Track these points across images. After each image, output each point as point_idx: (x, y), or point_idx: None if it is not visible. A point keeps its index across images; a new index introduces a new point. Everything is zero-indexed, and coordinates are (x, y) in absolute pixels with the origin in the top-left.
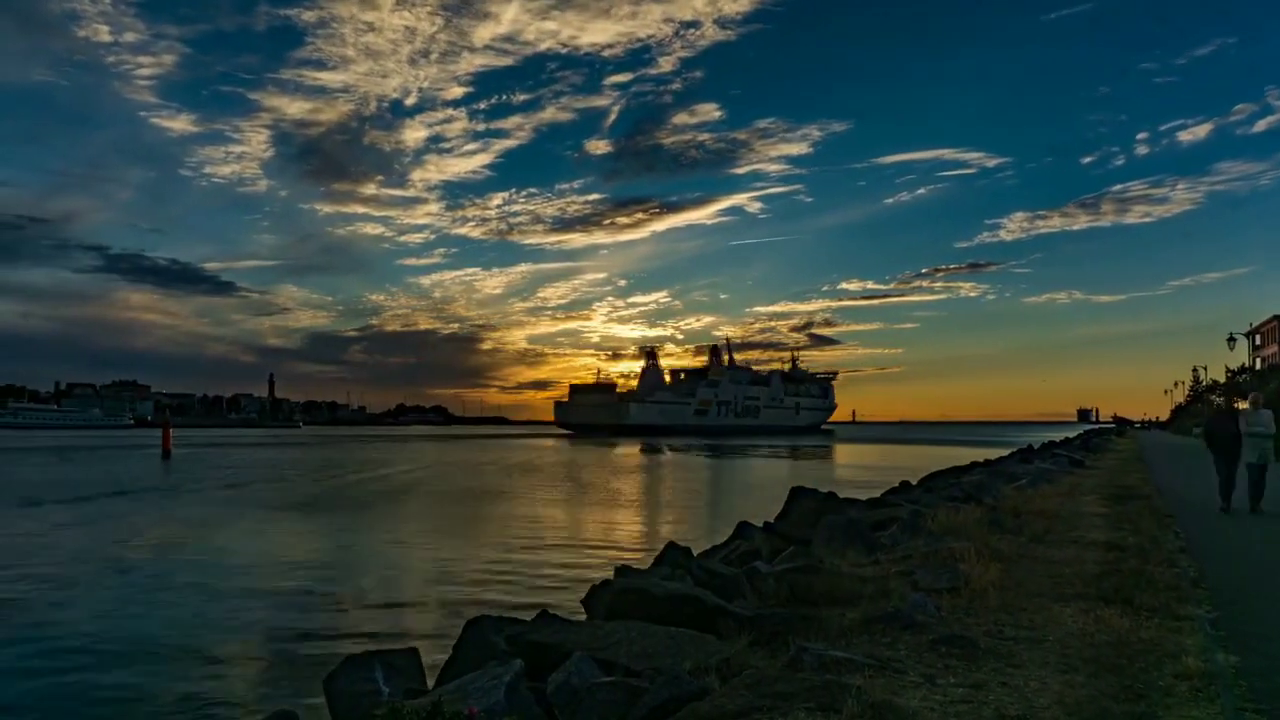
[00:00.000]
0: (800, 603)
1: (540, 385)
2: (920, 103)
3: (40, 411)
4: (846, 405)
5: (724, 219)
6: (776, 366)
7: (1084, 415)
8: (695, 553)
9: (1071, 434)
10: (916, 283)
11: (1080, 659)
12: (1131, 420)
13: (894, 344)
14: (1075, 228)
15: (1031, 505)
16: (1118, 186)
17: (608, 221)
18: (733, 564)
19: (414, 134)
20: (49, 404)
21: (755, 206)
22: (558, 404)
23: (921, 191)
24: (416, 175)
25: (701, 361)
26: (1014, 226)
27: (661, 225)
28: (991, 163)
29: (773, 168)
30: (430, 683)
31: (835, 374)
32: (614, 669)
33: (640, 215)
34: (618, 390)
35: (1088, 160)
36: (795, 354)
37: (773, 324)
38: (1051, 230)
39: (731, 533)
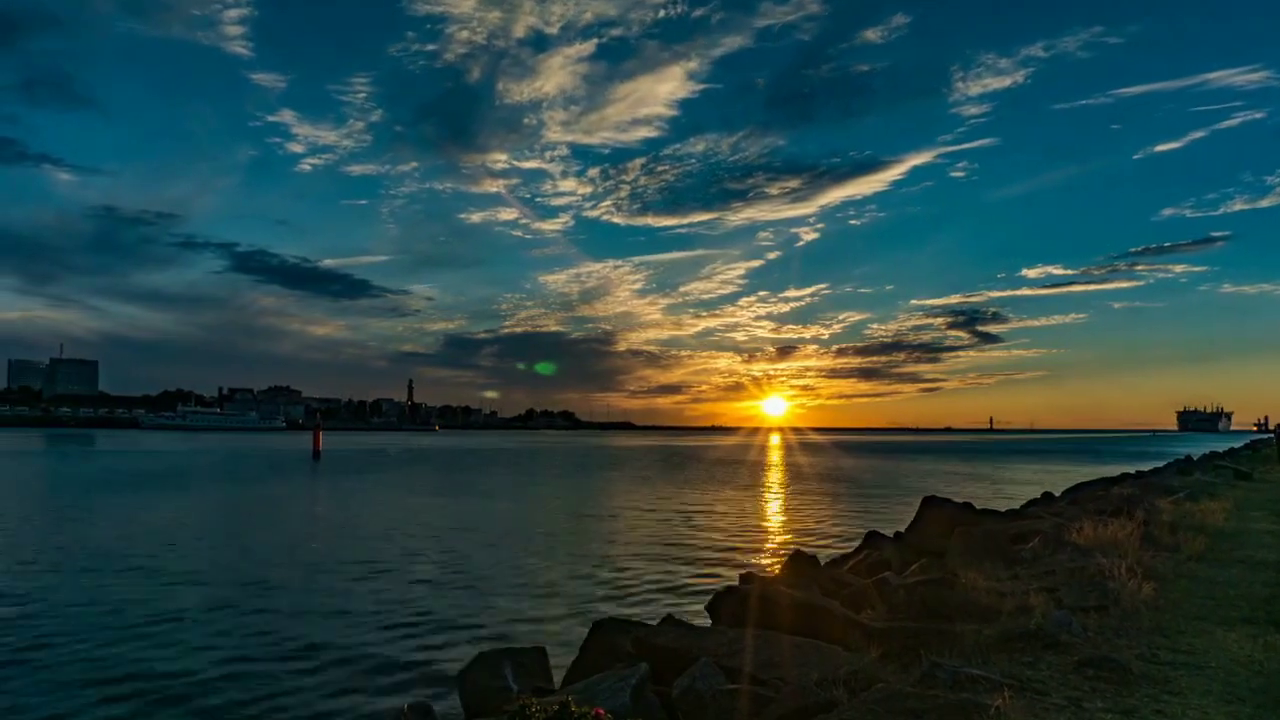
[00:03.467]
0: (933, 617)
1: (670, 389)
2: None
3: (205, 414)
4: (991, 409)
5: (898, 188)
6: (909, 369)
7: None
8: (822, 561)
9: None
10: (1114, 266)
11: (1247, 689)
12: None
13: (1067, 342)
14: None
15: (1190, 520)
16: None
17: (763, 192)
18: (861, 574)
19: (549, 83)
20: (213, 408)
21: (938, 168)
22: None
23: (1167, 144)
24: (551, 135)
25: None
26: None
27: (824, 199)
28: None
29: (972, 110)
30: (557, 682)
31: None
32: (739, 676)
33: (797, 184)
34: None
35: None
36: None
37: (929, 320)
38: None
39: (860, 542)
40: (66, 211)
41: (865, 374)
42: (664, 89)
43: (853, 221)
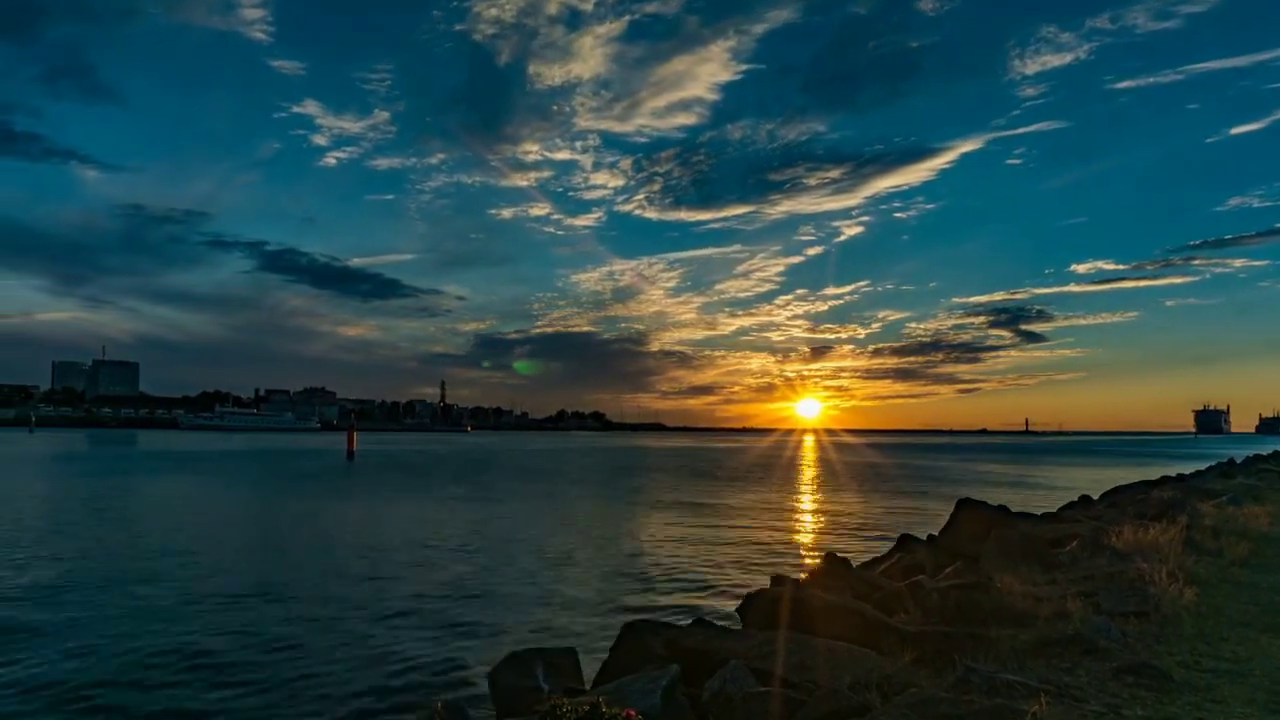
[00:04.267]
0: (967, 621)
1: (702, 390)
2: None
3: (242, 415)
4: (1029, 411)
5: (946, 178)
6: (947, 369)
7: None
8: (854, 564)
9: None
10: (1169, 260)
11: None
12: None
13: (1113, 342)
14: None
15: (1234, 525)
16: None
17: (803, 183)
18: (894, 577)
19: (582, 65)
20: (249, 409)
21: (989, 155)
22: None
23: (1245, 126)
24: (583, 123)
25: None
26: None
27: (868, 189)
28: None
29: (1029, 90)
30: (587, 682)
31: None
32: (770, 679)
33: (839, 174)
34: None
35: None
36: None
37: (970, 319)
38: None
39: (893, 544)
40: (94, 209)
41: (901, 374)
42: (703, 70)
43: (898, 214)
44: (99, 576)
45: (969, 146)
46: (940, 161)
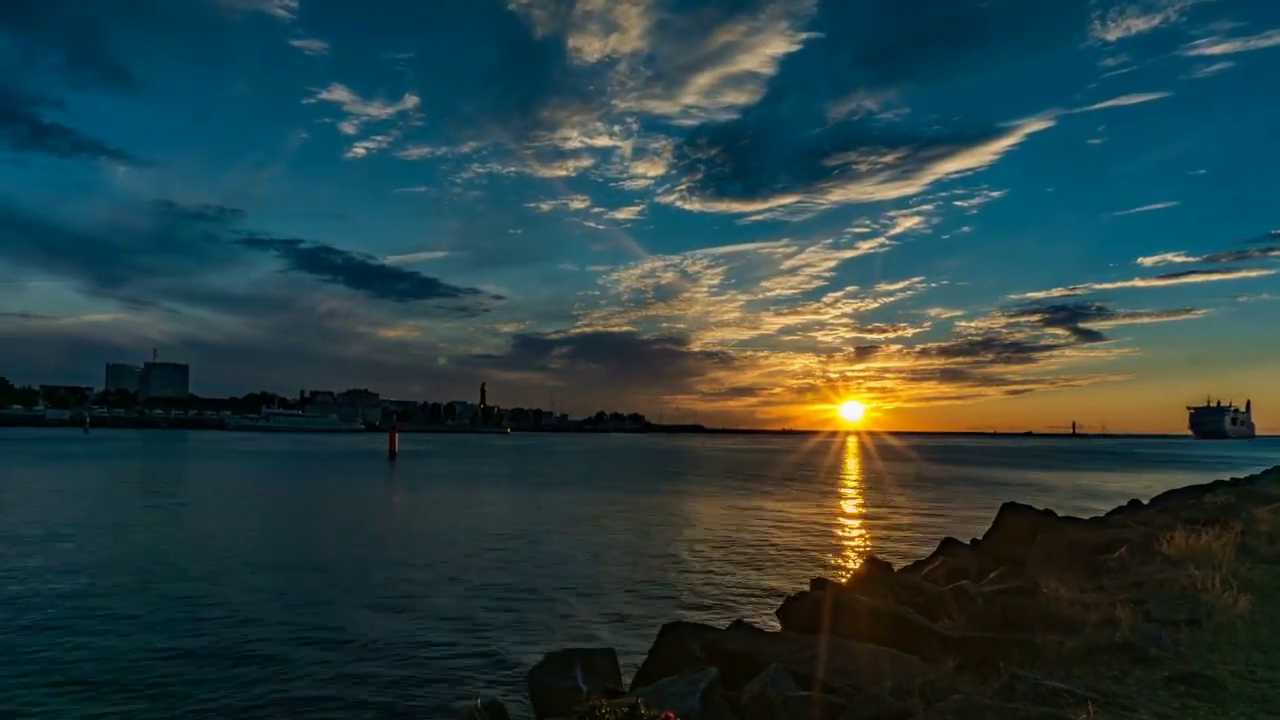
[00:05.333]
0: (1012, 627)
1: (743, 392)
2: None
3: (288, 416)
4: (1079, 413)
5: (1010, 162)
6: (997, 370)
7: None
8: (896, 568)
9: None
10: (1245, 252)
11: None
12: None
13: (1176, 341)
14: None
15: None
16: None
17: (855, 169)
18: (937, 582)
19: (624, 39)
20: (295, 410)
21: (1060, 134)
22: None
23: None
24: (625, 104)
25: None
26: None
27: (926, 176)
28: None
29: (1109, 61)
30: (626, 684)
31: None
32: (810, 683)
33: (894, 158)
34: None
35: None
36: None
37: (1025, 317)
38: None
39: (935, 548)
40: (125, 206)
41: (948, 375)
42: (755, 43)
43: (958, 203)
44: (196, 563)
45: (1037, 125)
46: (1004, 143)
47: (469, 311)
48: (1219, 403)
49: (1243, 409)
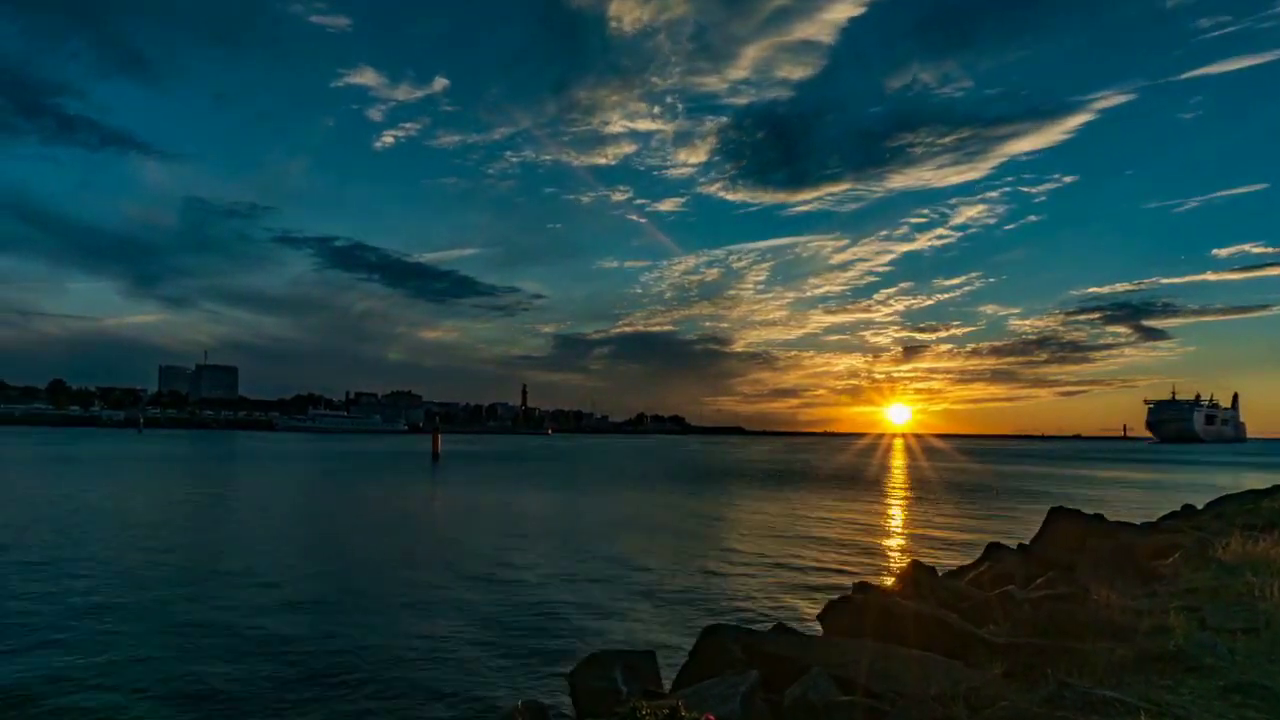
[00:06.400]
0: (1060, 634)
1: (785, 393)
2: None
3: (333, 417)
4: (1128, 415)
5: (1082, 141)
6: (1050, 370)
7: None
8: (940, 572)
9: None
10: None
11: None
12: None
13: (1246, 340)
14: None
15: None
16: None
17: (912, 153)
18: (983, 587)
19: (670, 9)
20: (340, 411)
21: (1141, 108)
22: None
23: None
24: (669, 81)
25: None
26: None
27: (990, 160)
28: None
29: (1204, 22)
30: (666, 686)
31: None
32: (852, 688)
33: (954, 139)
34: None
35: None
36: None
37: (1085, 315)
38: None
39: (981, 553)
40: (156, 202)
41: (998, 376)
42: (815, 6)
43: (1024, 189)
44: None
45: (1114, 100)
46: (1076, 120)
47: (508, 311)
48: (1195, 396)
49: (1228, 405)
